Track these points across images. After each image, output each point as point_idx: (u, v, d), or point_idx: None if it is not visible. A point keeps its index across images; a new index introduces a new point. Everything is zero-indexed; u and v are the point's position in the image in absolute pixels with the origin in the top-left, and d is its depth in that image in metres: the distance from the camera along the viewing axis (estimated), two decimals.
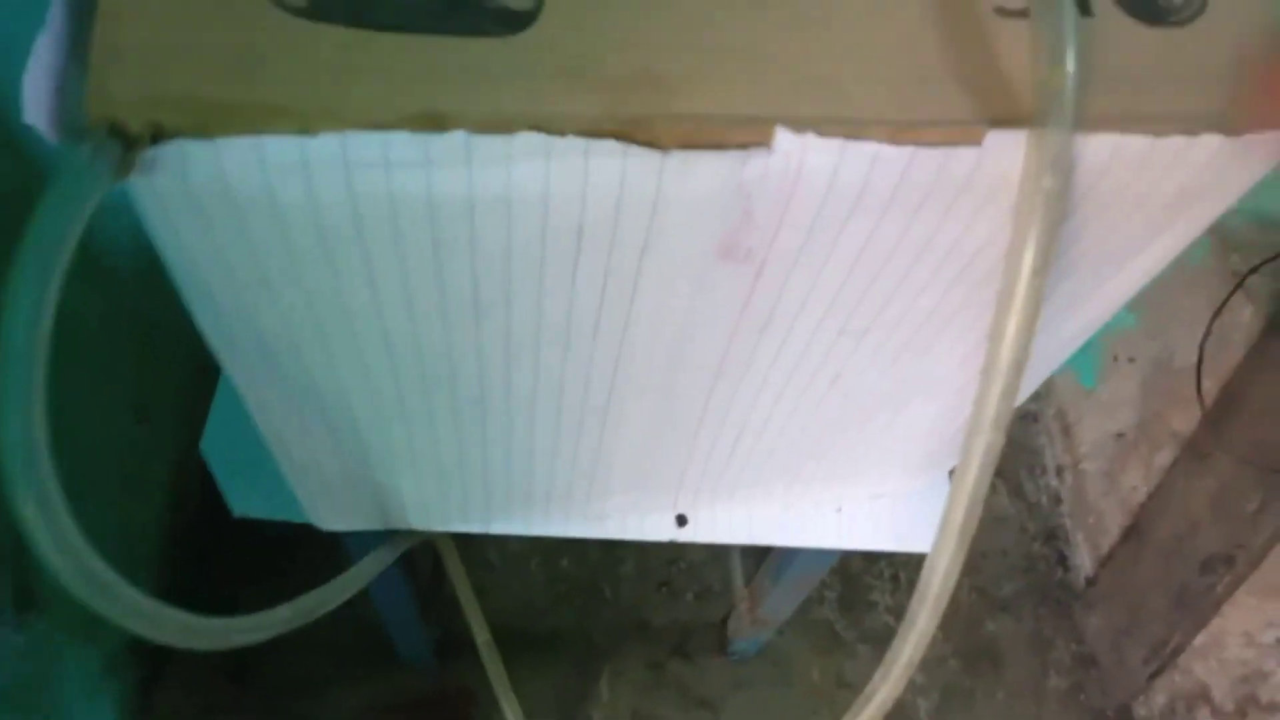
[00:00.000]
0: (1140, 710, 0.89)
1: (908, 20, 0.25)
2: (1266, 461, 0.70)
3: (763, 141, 0.24)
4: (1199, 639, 0.81)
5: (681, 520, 0.50)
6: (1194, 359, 0.78)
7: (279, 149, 0.22)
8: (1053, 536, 1.00)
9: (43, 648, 0.62)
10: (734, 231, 0.27)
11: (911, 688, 0.89)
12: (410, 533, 0.50)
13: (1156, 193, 0.26)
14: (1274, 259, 0.73)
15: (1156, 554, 0.84)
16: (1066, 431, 1.02)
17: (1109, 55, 0.25)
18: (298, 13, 0.23)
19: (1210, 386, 0.80)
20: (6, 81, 0.56)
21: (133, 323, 0.69)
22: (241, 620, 0.31)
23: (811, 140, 0.24)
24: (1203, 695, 0.81)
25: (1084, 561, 0.97)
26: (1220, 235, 0.84)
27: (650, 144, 0.23)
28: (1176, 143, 0.25)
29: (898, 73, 0.25)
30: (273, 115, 0.22)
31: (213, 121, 0.22)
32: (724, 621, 0.89)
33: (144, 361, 0.73)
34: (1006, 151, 0.25)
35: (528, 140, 0.23)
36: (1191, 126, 0.25)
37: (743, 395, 0.37)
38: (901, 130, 0.24)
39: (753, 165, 0.24)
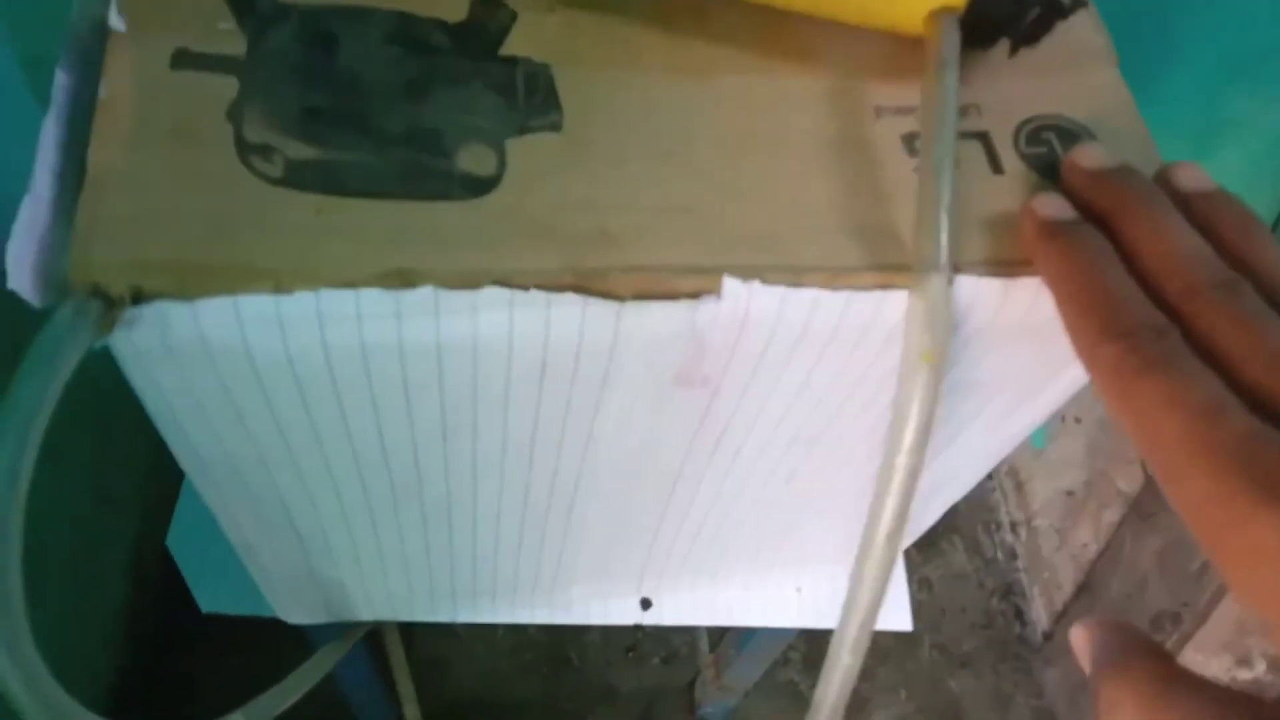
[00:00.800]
0: None
1: (839, 181, 0.28)
2: None
3: (712, 290, 0.26)
4: None
5: (646, 604, 0.51)
6: None
7: (254, 306, 0.23)
8: (1010, 592, 1.03)
9: None
10: (689, 364, 0.28)
11: None
12: (369, 621, 0.50)
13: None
14: None
15: (1108, 610, 0.87)
16: (1019, 489, 1.05)
17: (1018, 206, 0.28)
18: (273, 181, 0.25)
19: None
20: None
21: (93, 405, 0.69)
22: None
23: (757, 288, 0.26)
24: None
25: (1040, 616, 0.99)
26: None
27: (607, 295, 0.25)
28: None
29: (832, 226, 0.27)
30: (249, 276, 0.23)
31: (191, 284, 0.23)
32: (691, 685, 0.89)
33: (103, 443, 0.73)
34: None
35: (492, 294, 0.24)
36: None
37: (702, 495, 0.39)
38: (837, 275, 0.26)
39: (703, 311, 0.26)
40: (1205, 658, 0.78)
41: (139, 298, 0.23)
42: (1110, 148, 0.28)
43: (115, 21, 0.26)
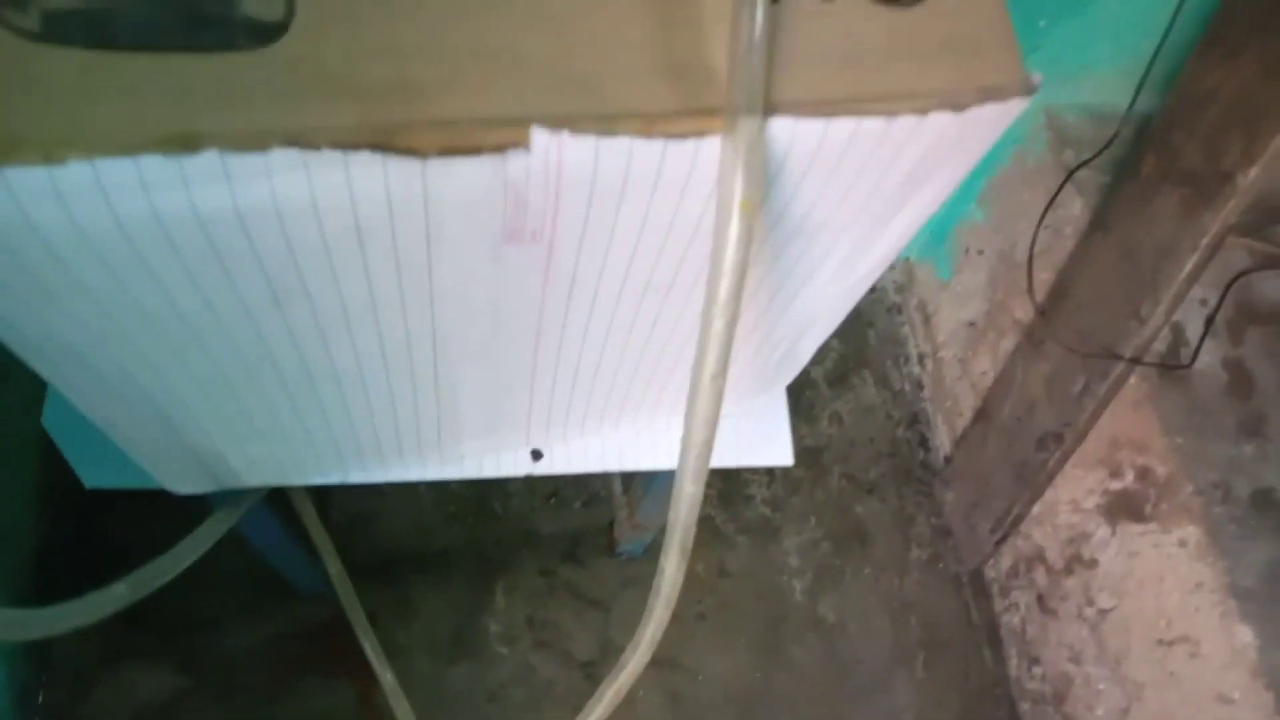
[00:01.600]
0: (990, 573, 0.98)
1: (661, 12, 0.26)
2: (1089, 348, 0.77)
3: (520, 142, 0.25)
4: (1035, 508, 0.89)
5: (536, 455, 0.53)
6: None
7: (27, 180, 0.22)
8: (915, 421, 1.08)
9: None
10: (513, 219, 0.28)
11: (787, 570, 0.96)
12: (260, 488, 0.51)
13: (895, 168, 0.28)
14: (1101, 153, 0.77)
15: (1000, 433, 0.92)
16: (927, 321, 1.08)
17: (846, 38, 0.27)
18: (32, 36, 0.23)
19: (1047, 278, 0.86)
20: None
21: None
22: (76, 604, 0.32)
23: (566, 138, 0.25)
24: (1039, 556, 0.90)
25: (943, 442, 1.04)
26: (1056, 130, 0.88)
27: (410, 151, 0.24)
28: (909, 122, 0.27)
29: (650, 65, 0.26)
30: (14, 147, 0.22)
31: None
32: (610, 526, 0.93)
33: None
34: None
35: (284, 156, 0.23)
36: (923, 105, 0.27)
37: (568, 347, 0.39)
38: (652, 123, 0.26)
39: (513, 164, 0.25)
40: (1083, 472, 0.84)
41: None
42: None
43: None
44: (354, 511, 0.91)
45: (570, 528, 0.94)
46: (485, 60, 0.25)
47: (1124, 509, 0.80)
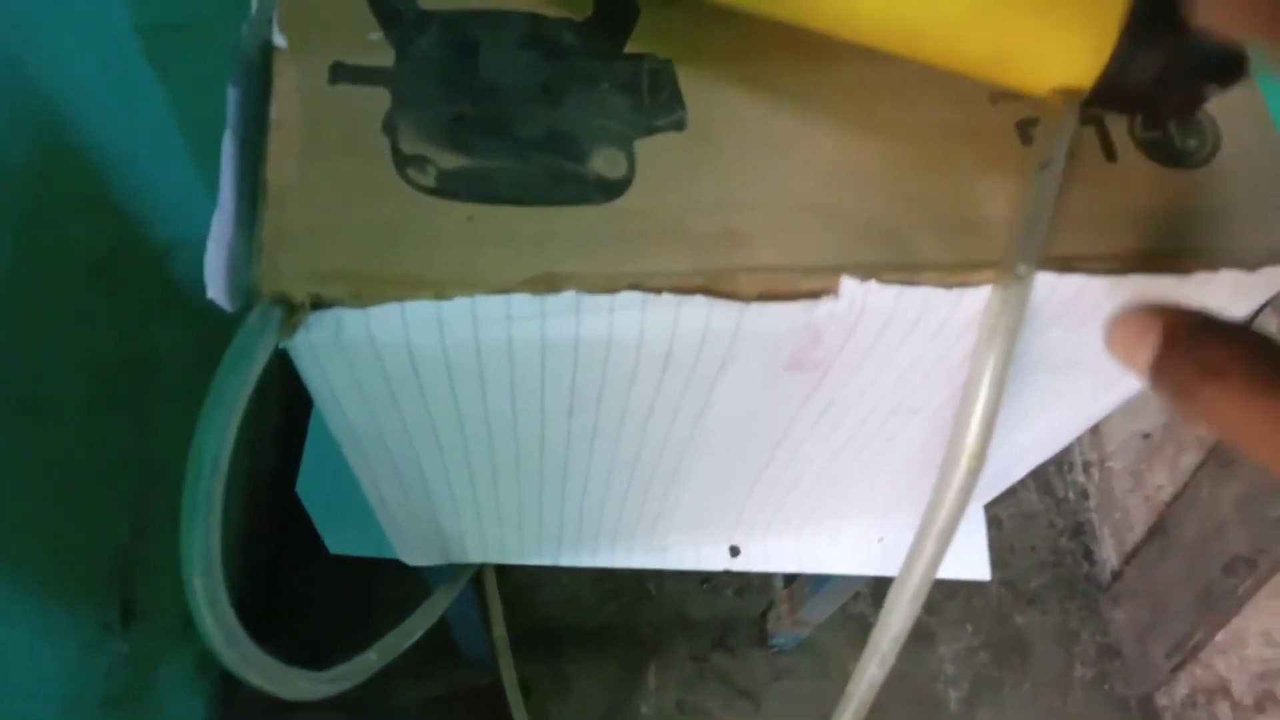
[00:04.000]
0: (1162, 700, 0.93)
1: (954, 172, 0.29)
2: None
3: (831, 289, 0.27)
4: (1220, 636, 0.84)
5: (735, 551, 0.54)
6: None
7: (418, 311, 0.26)
8: (1080, 531, 1.04)
9: (144, 655, 0.67)
10: (803, 351, 0.30)
11: (943, 678, 0.94)
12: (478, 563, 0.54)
13: None
14: None
15: (1181, 553, 0.88)
16: (1094, 430, 1.05)
17: (1129, 198, 0.28)
18: (428, 190, 0.27)
19: None
20: (100, 149, 0.60)
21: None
22: (341, 669, 0.36)
23: (873, 287, 0.27)
24: (1223, 689, 0.85)
25: (1109, 556, 1.00)
26: None
27: (733, 295, 0.27)
28: (1200, 278, 0.28)
29: (947, 219, 0.28)
30: (414, 285, 0.26)
31: (364, 293, 0.26)
32: (764, 615, 0.93)
33: None
34: (1045, 287, 0.28)
35: (628, 297, 0.27)
36: (1211, 262, 0.28)
37: (803, 456, 0.41)
38: (951, 273, 0.28)
39: (821, 308, 0.28)
40: (1279, 602, 0.79)
41: (318, 304, 0.26)
42: (1235, 142, 0.28)
43: (278, 39, 0.28)
44: (518, 581, 0.94)
45: (723, 614, 0.95)
46: (799, 213, 0.28)
47: None
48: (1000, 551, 1.02)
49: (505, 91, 0.29)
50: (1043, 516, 1.05)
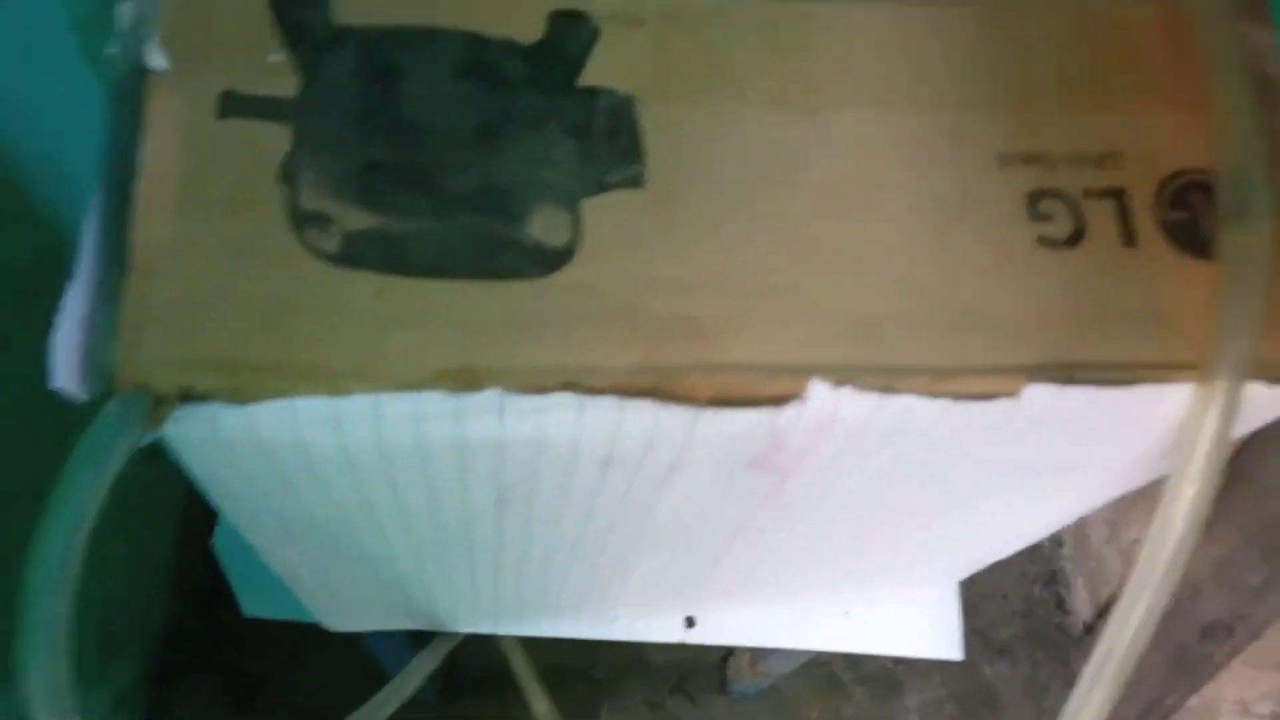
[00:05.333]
0: None
1: (951, 254, 0.25)
2: (1273, 540, 0.71)
3: (798, 394, 0.23)
4: (1193, 700, 0.82)
5: (690, 622, 0.50)
6: None
7: (311, 409, 0.22)
8: (1053, 580, 1.01)
9: None
10: (763, 455, 0.26)
11: None
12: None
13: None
14: None
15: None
16: None
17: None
18: (329, 258, 0.23)
19: None
20: (28, 154, 0.55)
21: None
22: None
23: (846, 394, 0.24)
24: None
25: (1082, 608, 0.97)
26: None
27: (684, 399, 0.23)
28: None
29: (939, 313, 0.24)
30: (305, 377, 0.22)
31: (245, 386, 0.21)
32: (724, 661, 0.89)
33: None
34: (1043, 400, 0.24)
35: (561, 399, 0.23)
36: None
37: (761, 547, 0.37)
38: (938, 380, 0.24)
39: (785, 415, 0.24)
40: (1255, 672, 0.76)
41: (189, 397, 0.21)
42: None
43: (156, 60, 0.24)
44: None
45: (682, 658, 0.90)
46: (770, 297, 0.24)
47: None
48: (970, 599, 0.99)
49: (431, 133, 0.24)
50: (1015, 563, 1.02)
